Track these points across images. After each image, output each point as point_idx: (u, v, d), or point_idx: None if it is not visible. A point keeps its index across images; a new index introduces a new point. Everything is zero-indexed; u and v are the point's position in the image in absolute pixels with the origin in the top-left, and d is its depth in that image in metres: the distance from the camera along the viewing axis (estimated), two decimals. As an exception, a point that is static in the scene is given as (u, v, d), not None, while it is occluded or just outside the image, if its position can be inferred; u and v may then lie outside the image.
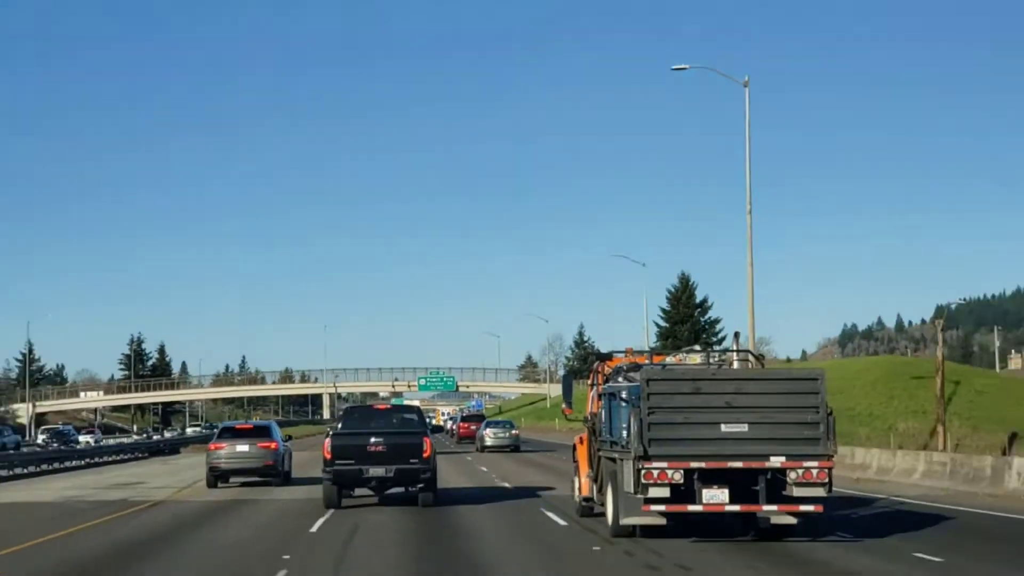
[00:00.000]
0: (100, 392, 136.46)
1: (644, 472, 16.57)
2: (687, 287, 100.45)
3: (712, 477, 16.76)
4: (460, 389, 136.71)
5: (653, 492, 16.63)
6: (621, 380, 19.56)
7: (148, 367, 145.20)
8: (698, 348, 32.17)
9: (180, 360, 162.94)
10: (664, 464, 16.57)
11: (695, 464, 16.66)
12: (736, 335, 29.21)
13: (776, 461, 16.68)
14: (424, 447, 24.37)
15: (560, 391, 31.12)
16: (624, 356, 22.12)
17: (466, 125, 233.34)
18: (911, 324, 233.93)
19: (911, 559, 15.26)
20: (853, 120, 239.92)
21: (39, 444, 75.68)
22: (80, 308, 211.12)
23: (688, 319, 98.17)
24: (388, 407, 31.60)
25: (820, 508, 17.10)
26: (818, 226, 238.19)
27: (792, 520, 17.31)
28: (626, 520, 17.52)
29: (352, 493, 24.90)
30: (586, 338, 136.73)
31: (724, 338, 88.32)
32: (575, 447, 22.75)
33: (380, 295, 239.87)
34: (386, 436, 24.46)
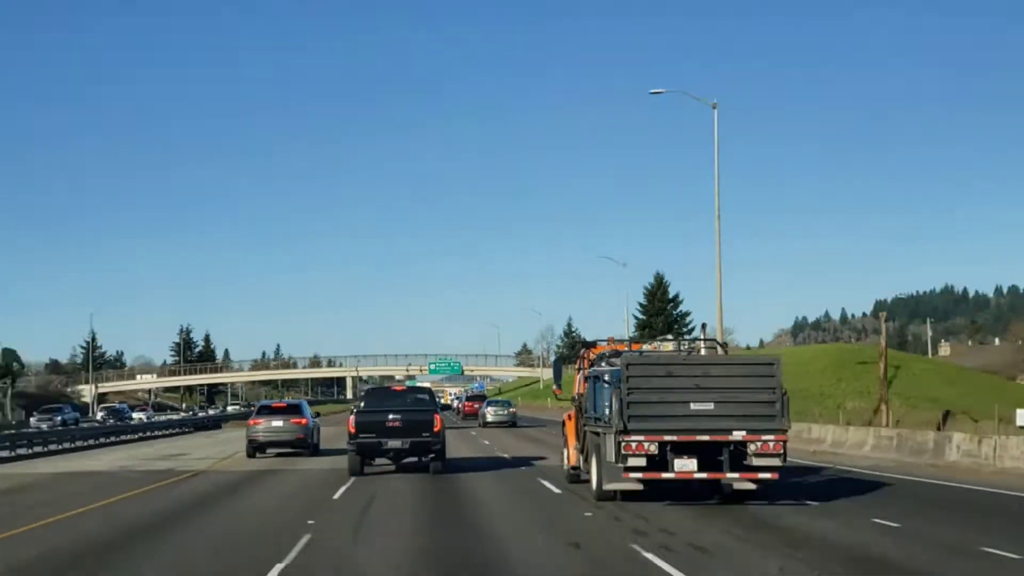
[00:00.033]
0: (154, 375, 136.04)
1: (624, 444, 16.69)
2: (661, 284, 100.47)
3: (683, 449, 16.84)
4: (465, 372, 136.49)
5: (632, 462, 16.73)
6: (604, 365, 19.66)
7: (195, 353, 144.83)
8: (670, 337, 32.27)
9: (223, 347, 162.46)
10: (641, 437, 16.67)
11: (668, 437, 16.76)
12: (703, 326, 29.39)
13: (738, 435, 16.78)
14: (435, 423, 24.43)
15: (551, 375, 31.11)
16: (607, 344, 22.20)
17: (470, 139, 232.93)
18: (853, 317, 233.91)
19: (871, 525, 14.91)
20: (805, 134, 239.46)
21: (97, 420, 75.09)
22: (137, 301, 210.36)
23: (662, 312, 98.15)
24: (404, 388, 31.57)
25: (776, 476, 17.26)
26: (772, 228, 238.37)
27: (752, 486, 17.39)
28: (608, 486, 17.66)
29: (373, 462, 24.94)
30: (574, 329, 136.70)
31: (693, 329, 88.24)
32: (564, 423, 22.82)
33: (396, 289, 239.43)
34: (402, 413, 24.54)
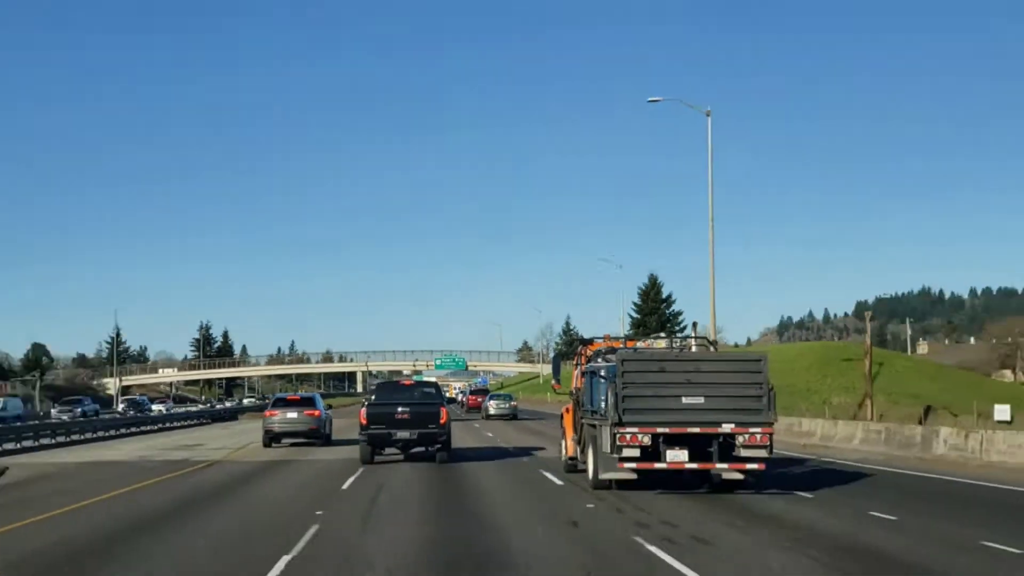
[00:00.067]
0: (175, 369, 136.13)
1: (619, 436, 16.64)
2: (655, 285, 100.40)
3: (674, 440, 16.78)
4: (469, 368, 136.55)
5: (626, 452, 16.67)
6: (600, 361, 19.56)
7: (214, 349, 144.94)
8: (663, 335, 32.22)
9: (241, 343, 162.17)
10: (635, 429, 16.62)
11: (661, 429, 16.69)
12: (694, 324, 29.43)
13: (727, 427, 16.70)
14: (441, 415, 24.45)
15: (551, 370, 31.04)
16: (603, 341, 22.13)
17: (473, 149, 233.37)
18: (836, 316, 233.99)
19: (869, 518, 14.18)
20: (793, 145, 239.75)
21: (119, 412, 75.01)
22: (160, 299, 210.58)
23: (655, 311, 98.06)
24: (412, 383, 31.49)
25: (763, 466, 17.18)
26: (759, 232, 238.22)
27: (740, 476, 17.27)
28: (604, 475, 17.55)
29: (383, 451, 24.87)
30: (572, 327, 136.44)
31: (685, 327, 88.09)
32: (562, 416, 22.73)
33: (404, 290, 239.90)
34: (410, 406, 24.53)
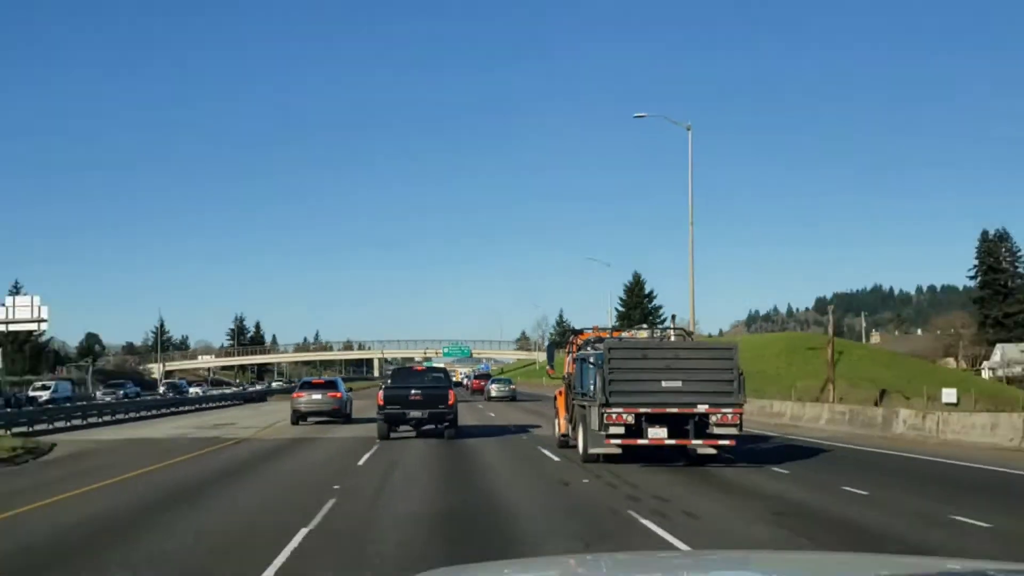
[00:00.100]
0: (212, 356, 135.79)
1: (606, 415, 16.65)
2: (639, 282, 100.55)
3: (655, 419, 16.79)
4: (473, 355, 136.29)
5: (612, 430, 16.70)
6: (590, 349, 19.52)
7: (248, 338, 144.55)
8: (645, 326, 32.18)
9: (271, 333, 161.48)
10: (620, 409, 16.63)
11: (643, 409, 16.71)
12: (673, 317, 29.45)
13: (701, 408, 16.73)
14: (449, 397, 24.52)
15: (545, 357, 31.05)
16: (592, 332, 22.12)
17: (476, 156, 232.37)
18: (798, 311, 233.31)
19: (843, 493, 13.57)
20: (761, 155, 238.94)
21: (159, 394, 74.85)
22: (200, 293, 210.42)
23: (639, 305, 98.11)
24: (423, 368, 31.56)
25: (733, 442, 17.23)
26: (729, 234, 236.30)
27: (713, 451, 17.30)
28: (592, 450, 17.54)
29: (398, 429, 24.84)
30: (565, 318, 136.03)
31: (665, 319, 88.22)
32: (556, 398, 22.77)
33: (416, 286, 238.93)
34: (422, 389, 24.60)
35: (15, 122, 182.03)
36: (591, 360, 18.07)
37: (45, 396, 55.64)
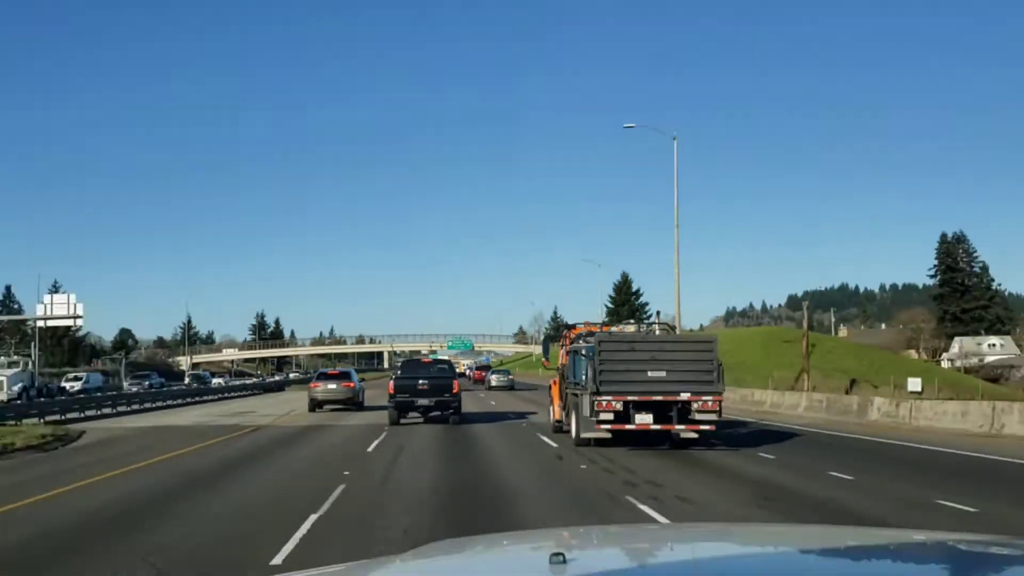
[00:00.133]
0: (236, 349, 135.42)
1: (596, 403, 16.49)
2: (627, 281, 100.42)
3: (642, 406, 16.63)
4: (475, 348, 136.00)
5: (603, 416, 16.55)
6: (582, 342, 19.38)
7: (268, 332, 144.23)
8: (632, 321, 32.04)
9: (290, 328, 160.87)
10: (610, 397, 16.49)
11: (630, 397, 16.55)
12: (657, 313, 29.24)
13: (684, 396, 16.58)
14: (454, 386, 24.50)
15: (541, 350, 30.88)
16: (584, 326, 21.92)
17: (478, 163, 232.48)
18: (771, 307, 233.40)
19: (829, 478, 12.97)
20: (737, 163, 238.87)
21: (185, 384, 74.57)
22: (225, 291, 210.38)
23: (627, 303, 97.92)
24: (430, 360, 31.42)
25: (713, 427, 17.08)
26: (708, 235, 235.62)
27: (695, 435, 17.10)
28: (584, 435, 17.36)
29: (407, 415, 24.69)
30: (559, 315, 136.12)
31: (650, 315, 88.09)
32: (551, 387, 22.59)
33: (422, 285, 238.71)
34: (429, 379, 24.59)
35: (56, 132, 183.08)
36: (583, 352, 17.92)
37: (77, 386, 55.43)
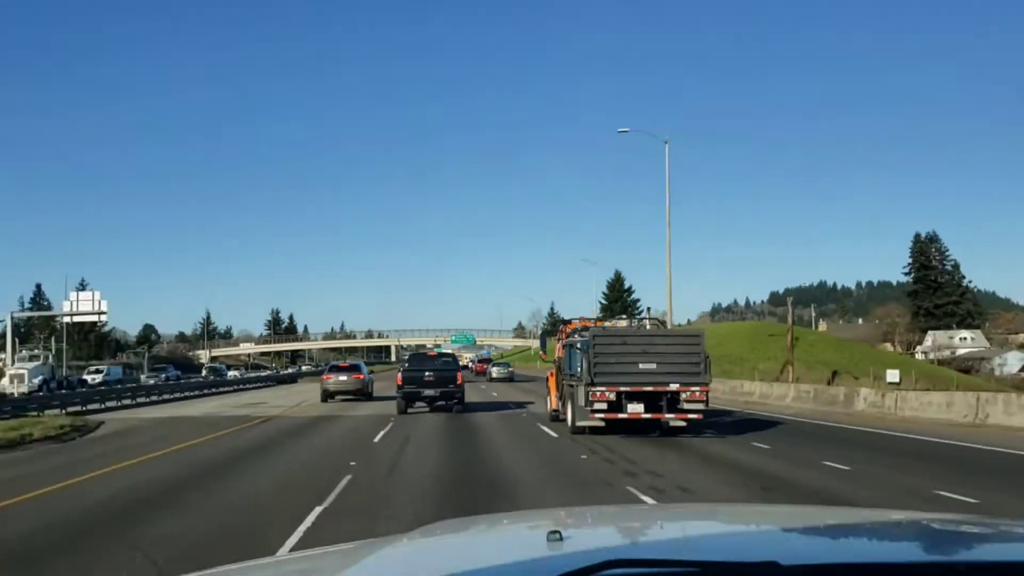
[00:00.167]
0: (252, 343, 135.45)
1: (591, 393, 16.40)
2: (620, 279, 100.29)
3: (633, 396, 16.54)
4: (477, 342, 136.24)
5: (597, 406, 16.45)
6: (577, 337, 19.21)
7: (283, 328, 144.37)
8: (625, 317, 31.97)
9: (303, 323, 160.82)
10: (604, 388, 16.39)
11: (623, 388, 16.45)
12: (648, 309, 29.17)
13: (673, 386, 16.49)
14: (457, 378, 24.55)
15: (539, 344, 30.86)
16: (579, 322, 21.86)
17: (480, 170, 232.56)
18: (755, 303, 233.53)
19: (826, 468, 12.34)
20: (722, 168, 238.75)
21: (202, 377, 74.27)
22: (242, 289, 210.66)
23: (620, 299, 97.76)
24: (435, 354, 31.44)
25: (701, 416, 16.99)
26: (694, 235, 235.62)
27: (683, 424, 17.04)
28: (580, 423, 17.23)
29: (414, 405, 24.63)
30: (556, 310, 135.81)
31: (641, 311, 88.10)
32: (548, 379, 22.49)
33: (428, 283, 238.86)
34: (434, 371, 24.63)
35: (86, 137, 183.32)
36: (578, 346, 17.81)
37: (98, 379, 55.62)
